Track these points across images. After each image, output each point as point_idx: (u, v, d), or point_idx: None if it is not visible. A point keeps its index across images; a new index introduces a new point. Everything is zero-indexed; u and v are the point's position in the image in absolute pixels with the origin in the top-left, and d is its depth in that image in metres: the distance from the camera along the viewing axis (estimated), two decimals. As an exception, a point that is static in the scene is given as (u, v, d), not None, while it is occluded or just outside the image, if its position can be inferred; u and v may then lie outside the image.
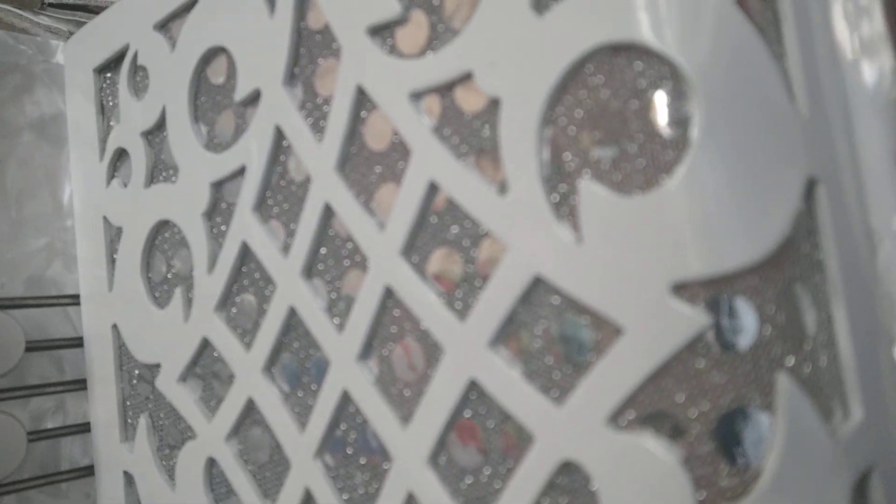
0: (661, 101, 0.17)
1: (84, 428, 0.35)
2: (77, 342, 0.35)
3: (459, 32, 0.21)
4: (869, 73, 0.18)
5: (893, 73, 0.18)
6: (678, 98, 0.17)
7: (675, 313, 0.17)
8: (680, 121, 0.17)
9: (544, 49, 0.19)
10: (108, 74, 0.34)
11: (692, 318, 0.16)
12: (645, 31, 0.17)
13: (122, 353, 0.33)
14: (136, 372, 0.33)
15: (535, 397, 0.19)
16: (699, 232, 0.16)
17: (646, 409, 0.17)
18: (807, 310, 0.17)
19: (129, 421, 0.33)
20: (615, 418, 0.18)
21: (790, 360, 0.16)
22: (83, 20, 0.38)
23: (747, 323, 0.16)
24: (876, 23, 0.18)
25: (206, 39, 0.28)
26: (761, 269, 0.16)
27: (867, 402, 0.16)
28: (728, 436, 0.16)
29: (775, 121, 0.17)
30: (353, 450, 0.24)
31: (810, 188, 0.17)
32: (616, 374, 0.18)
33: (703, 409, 0.17)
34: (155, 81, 0.31)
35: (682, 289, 0.17)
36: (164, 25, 0.31)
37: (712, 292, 0.17)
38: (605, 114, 0.18)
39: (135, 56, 0.32)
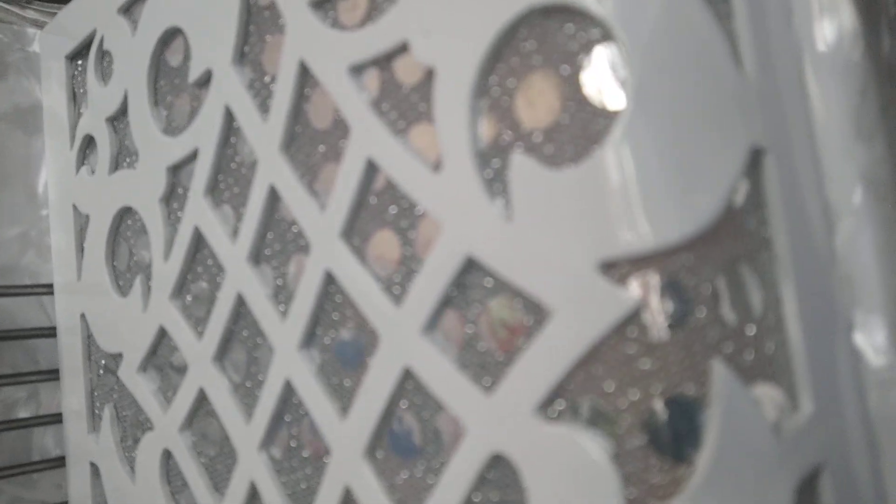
0: (593, 66, 0.16)
1: (57, 418, 0.35)
2: (51, 332, 0.35)
3: (396, 1, 0.20)
4: (828, 31, 0.17)
5: (854, 31, 0.17)
6: (611, 62, 0.16)
7: (602, 293, 0.15)
8: (613, 87, 0.16)
9: (476, 14, 0.18)
10: (80, 62, 0.34)
11: (620, 299, 0.15)
12: (573, -10, 0.16)
13: (90, 342, 0.33)
14: (103, 362, 0.32)
15: (467, 386, 0.18)
16: (628, 206, 0.15)
17: (575, 398, 0.16)
18: (751, 291, 0.15)
19: (97, 412, 0.32)
20: (544, 408, 0.16)
21: (728, 347, 0.15)
22: (63, 8, 0.38)
23: (680, 305, 0.15)
24: (832, -23, 0.16)
25: (163, 21, 0.28)
26: (697, 247, 0.15)
27: (818, 394, 0.15)
28: (660, 428, 0.15)
29: (716, 85, 0.15)
30: (296, 442, 0.23)
31: (756, 158, 0.15)
32: (544, 360, 0.16)
33: (633, 399, 0.15)
34: (118, 66, 0.30)
35: (610, 267, 0.15)
36: (128, 9, 0.30)
37: (643, 271, 0.15)
38: (537, 82, 0.17)
39: (101, 41, 0.31)
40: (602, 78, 0.16)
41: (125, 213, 0.30)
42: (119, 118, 0.31)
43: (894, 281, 0.16)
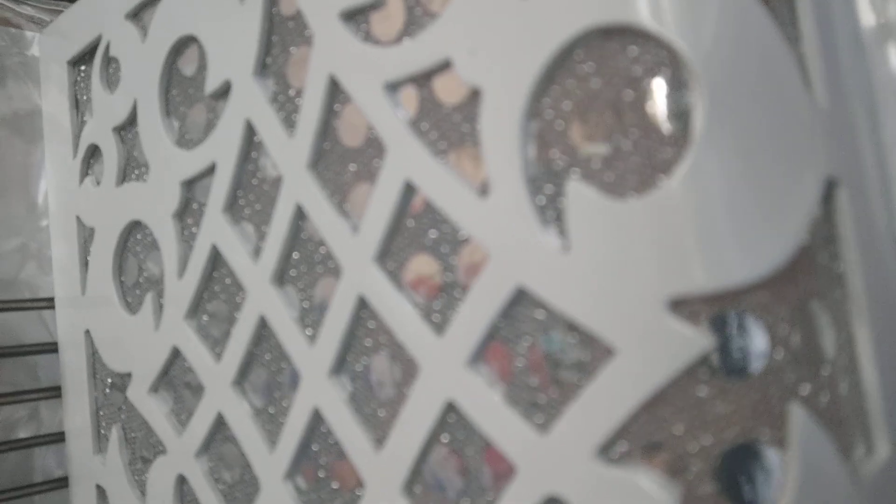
0: (658, 91, 0.15)
1: (59, 437, 0.33)
2: (52, 347, 0.34)
3: (437, 17, 0.19)
4: (896, 59, 0.16)
5: (924, 59, 0.16)
6: (678, 87, 0.15)
7: (672, 333, 0.15)
8: (680, 113, 0.15)
9: (529, 34, 0.17)
10: (83, 67, 0.33)
11: (692, 339, 0.14)
12: (639, 12, 0.15)
13: (95, 360, 0.32)
14: (109, 380, 0.31)
15: (517, 423, 0.17)
16: (701, 240, 0.14)
17: (640, 440, 0.15)
18: (825, 330, 0.15)
19: (103, 432, 0.31)
20: (605, 450, 0.16)
21: (805, 389, 0.14)
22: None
23: (756, 345, 0.14)
24: (906, 1, 0.15)
25: (176, 28, 0.27)
26: (772, 284, 0.14)
27: (895, 436, 0.14)
28: (733, 474, 0.14)
29: (789, 113, 0.15)
30: (325, 473, 0.22)
31: (829, 190, 0.15)
32: (607, 399, 0.15)
33: (704, 444, 0.15)
34: (126, 74, 0.29)
35: (681, 305, 0.15)
36: (136, 14, 0.29)
37: (716, 309, 0.14)
38: (596, 106, 0.16)
39: (107, 47, 0.30)
40: (668, 104, 0.15)
41: (134, 226, 0.29)
42: (127, 128, 0.30)
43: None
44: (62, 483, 0.33)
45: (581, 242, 0.16)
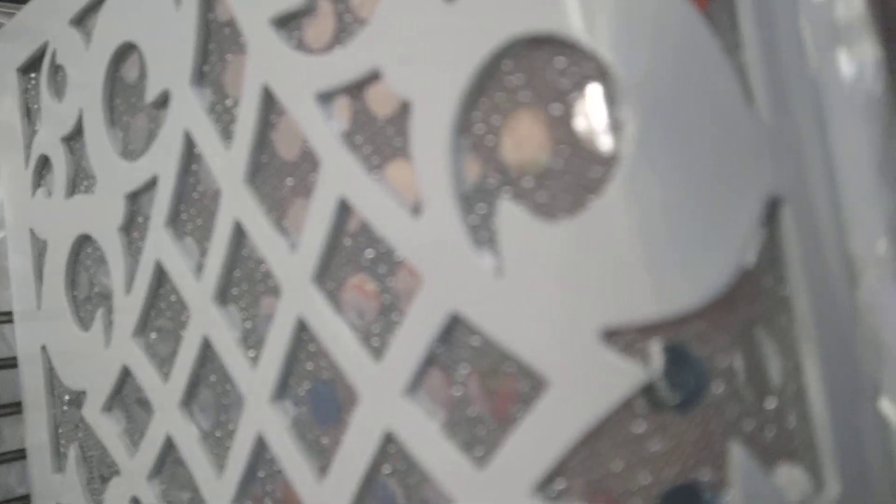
0: (587, 106, 0.14)
1: (20, 455, 0.33)
2: (12, 362, 0.33)
3: (367, 23, 0.18)
4: (846, 65, 0.15)
5: (876, 61, 0.15)
6: (608, 102, 0.14)
7: (606, 365, 0.14)
8: (610, 130, 0.14)
9: (455, 42, 0.16)
10: (34, 75, 0.32)
11: (627, 372, 0.13)
12: (564, 20, 0.14)
13: (52, 375, 0.31)
14: (67, 397, 0.30)
15: (455, 456, 0.16)
16: (633, 266, 0.13)
17: (579, 478, 0.14)
18: (770, 359, 0.14)
19: (62, 450, 0.30)
20: (543, 487, 0.15)
21: (747, 424, 0.13)
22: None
23: (694, 379, 0.13)
24: (855, 4, 0.14)
25: (117, 35, 0.25)
26: (711, 312, 0.13)
27: (845, 472, 0.13)
28: (672, 516, 0.13)
29: (729, 128, 0.14)
30: (271, 500, 0.21)
31: (773, 209, 0.14)
32: (542, 434, 0.15)
33: (643, 483, 0.14)
34: (72, 82, 0.28)
35: (614, 335, 0.14)
36: (81, 20, 0.28)
37: (651, 340, 0.14)
38: (524, 121, 0.15)
39: (53, 54, 0.29)
40: (598, 119, 0.14)
41: (85, 240, 0.28)
42: (75, 138, 0.29)
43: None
44: (24, 501, 0.32)
45: (514, 266, 0.15)
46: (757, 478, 0.13)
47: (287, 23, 0.20)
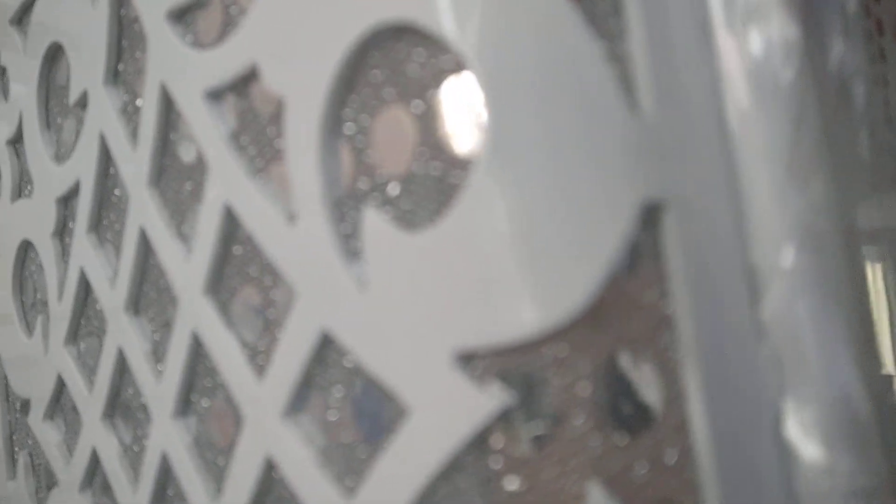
0: (445, 103, 0.13)
1: (-16, 460, 0.32)
2: (-25, 367, 0.33)
3: (247, 14, 0.16)
4: (755, 47, 0.13)
5: (787, 42, 0.13)
6: (467, 98, 0.12)
7: (460, 392, 0.12)
8: (468, 130, 0.12)
9: (323, 33, 0.14)
10: (-14, 76, 0.31)
11: (479, 402, 0.12)
12: (419, 7, 0.12)
13: (6, 382, 0.30)
14: (18, 404, 0.30)
15: (325, 486, 0.15)
16: (487, 282, 0.12)
17: (439, 516, 0.13)
18: (647, 385, 0.12)
19: (15, 457, 0.30)
20: (406, 525, 0.13)
21: (614, 461, 0.12)
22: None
23: (551, 409, 0.12)
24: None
25: (46, 34, 0.25)
26: (573, 333, 0.12)
27: (732, 516, 0.12)
28: (529, 565, 0.12)
29: (599, 126, 0.12)
30: (178, 521, 0.20)
31: (652, 216, 0.12)
32: (404, 466, 0.13)
33: (498, 526, 0.12)
34: (13, 83, 0.27)
35: (470, 359, 0.12)
36: (20, 20, 0.27)
37: (508, 366, 0.12)
38: (389, 119, 0.14)
39: (-2, 55, 0.28)
40: (457, 117, 0.13)
41: (27, 245, 0.28)
42: (20, 140, 0.28)
43: (836, 356, 0.13)
44: (-12, 507, 0.32)
45: (377, 280, 0.14)
46: (618, 525, 0.11)
47: (182, 17, 0.19)
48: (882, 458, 0.12)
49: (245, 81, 0.17)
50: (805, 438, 0.13)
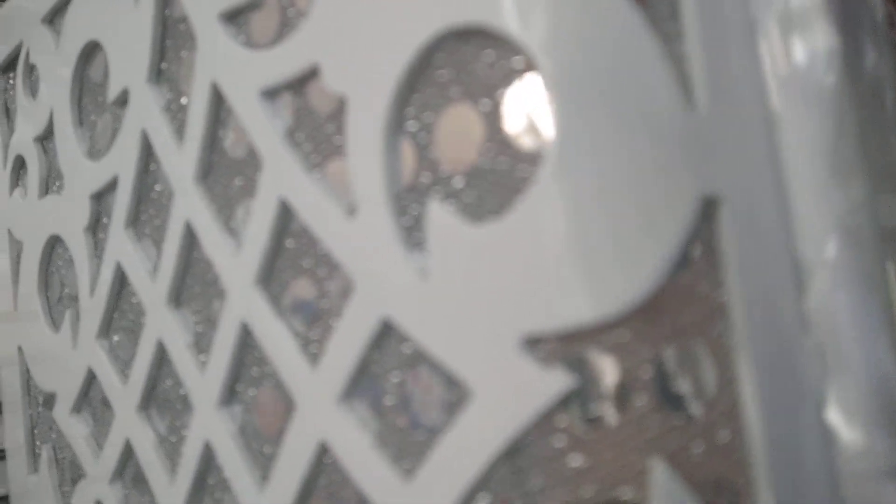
0: (514, 102, 0.13)
1: (1, 455, 0.33)
2: (-7, 363, 0.33)
3: (306, 17, 0.17)
4: (799, 53, 0.14)
5: (829, 49, 0.14)
6: (536, 98, 0.13)
7: (526, 375, 0.13)
8: (537, 127, 0.13)
9: (388, 37, 0.15)
10: (11, 74, 0.32)
11: (546, 383, 0.13)
12: (493, 10, 0.13)
13: (28, 377, 0.31)
14: (41, 399, 0.30)
15: (384, 469, 0.15)
16: (554, 271, 0.13)
17: (501, 495, 0.14)
18: (703, 369, 0.13)
19: (37, 451, 0.30)
20: (466, 502, 0.14)
21: (672, 440, 0.12)
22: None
23: (614, 390, 0.12)
24: (805, -11, 0.13)
25: (83, 33, 0.25)
26: (636, 319, 0.13)
27: (781, 495, 0.13)
28: (593, 537, 0.13)
29: (661, 123, 0.13)
30: (220, 508, 0.20)
31: (709, 210, 0.13)
32: (465, 447, 0.14)
33: (562, 501, 0.13)
34: (44, 82, 0.28)
35: (536, 344, 0.13)
36: (52, 19, 0.28)
37: (573, 350, 0.13)
38: (455, 117, 0.14)
39: (27, 53, 0.29)
40: (525, 114, 0.13)
41: (56, 241, 0.28)
42: (48, 137, 0.28)
43: (875, 345, 0.14)
44: (4, 501, 0.32)
45: (440, 270, 0.14)
46: (678, 497, 0.12)
47: (235, 17, 0.19)
48: (917, 441, 0.13)
49: (302, 80, 0.17)
50: (846, 422, 0.13)
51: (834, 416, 0.13)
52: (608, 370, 0.13)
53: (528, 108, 0.13)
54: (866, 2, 0.16)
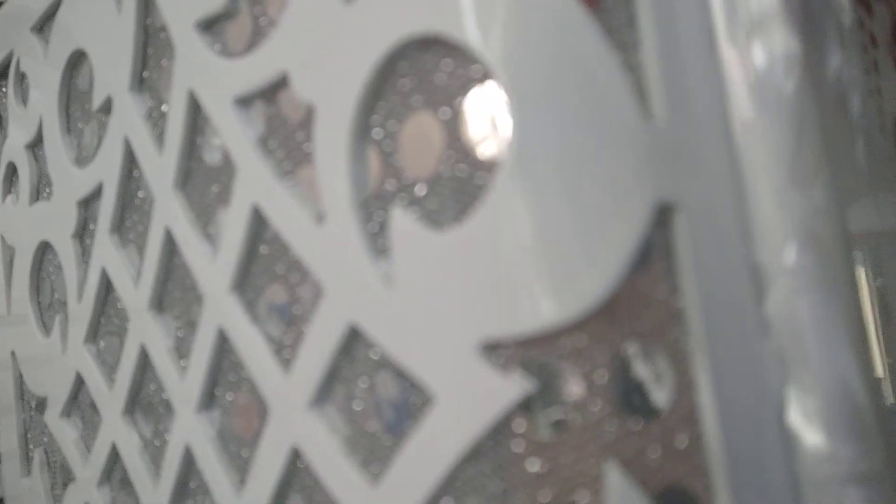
0: (471, 109, 0.14)
1: (-4, 459, 0.33)
2: (-11, 367, 0.33)
3: (277, 25, 0.17)
4: (759, 59, 0.14)
5: (788, 53, 0.14)
6: (494, 105, 0.13)
7: (484, 380, 0.13)
8: (493, 135, 0.13)
9: (352, 44, 0.15)
10: (3, 82, 0.32)
11: (503, 388, 0.13)
12: (452, 20, 0.13)
13: (21, 381, 0.31)
14: (33, 403, 0.30)
15: (351, 473, 0.15)
16: (510, 277, 0.13)
17: (464, 499, 0.14)
18: (660, 374, 0.13)
19: (30, 454, 0.31)
20: (431, 507, 0.14)
21: (628, 445, 0.13)
22: None
23: (571, 395, 0.13)
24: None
25: (69, 41, 0.25)
26: (590, 325, 0.13)
27: (742, 499, 0.13)
28: (550, 542, 0.13)
29: (615, 131, 0.13)
30: (200, 512, 0.21)
31: (664, 216, 0.13)
32: (428, 452, 0.14)
33: (521, 506, 0.13)
34: (34, 89, 0.28)
35: (494, 349, 0.13)
36: (41, 28, 0.28)
37: (529, 355, 0.13)
38: (417, 125, 0.14)
39: (18, 62, 0.29)
40: (484, 122, 0.13)
41: (46, 247, 0.28)
42: (39, 145, 0.29)
43: (836, 350, 0.14)
44: (0, 504, 0.33)
45: (404, 277, 0.14)
46: (634, 502, 0.12)
47: (211, 26, 0.19)
48: (881, 446, 0.13)
49: (273, 88, 0.18)
50: (807, 426, 0.13)
51: (795, 421, 0.13)
52: (566, 375, 0.13)
53: (485, 116, 0.13)
54: (831, 5, 0.16)
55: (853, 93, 0.16)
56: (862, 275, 0.18)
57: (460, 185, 0.14)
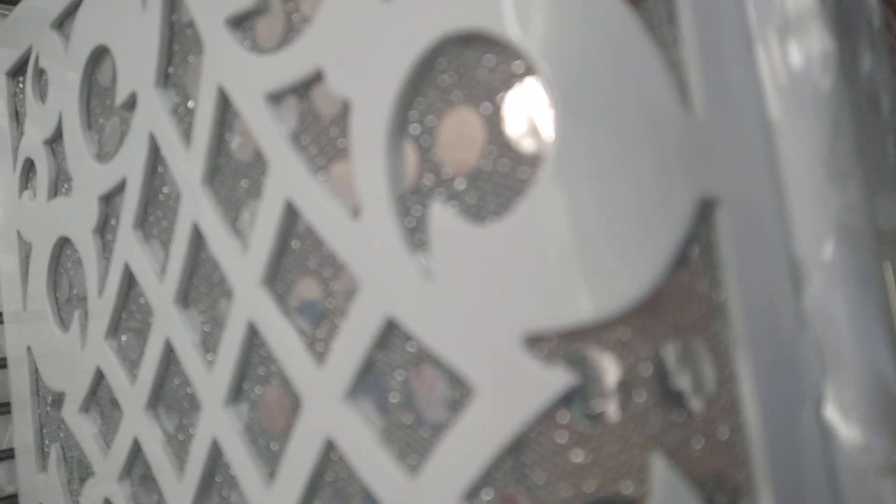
0: (514, 105, 0.14)
1: (9, 454, 0.33)
2: (3, 363, 0.33)
3: (310, 22, 0.17)
4: (796, 58, 0.14)
5: (825, 53, 0.14)
6: (535, 101, 0.13)
7: (528, 372, 0.13)
8: (536, 130, 0.13)
9: (391, 41, 0.15)
10: (21, 78, 0.32)
11: (547, 380, 0.13)
12: (494, 16, 0.13)
13: (37, 376, 0.31)
14: (50, 398, 0.30)
15: (389, 465, 0.16)
16: (555, 271, 0.13)
17: (503, 488, 0.14)
18: (702, 367, 0.13)
19: (46, 450, 0.31)
20: (471, 497, 0.14)
21: (672, 436, 0.13)
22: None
23: (614, 387, 0.13)
24: (800, -7, 0.14)
25: (92, 38, 0.26)
26: (636, 317, 0.13)
27: (780, 490, 0.13)
28: (594, 531, 0.13)
29: (658, 126, 0.13)
30: (227, 505, 0.21)
31: (706, 211, 0.13)
32: (469, 443, 0.14)
33: (563, 495, 0.13)
34: (53, 85, 0.28)
35: (538, 342, 0.13)
36: (61, 24, 0.28)
37: (574, 347, 0.13)
38: (457, 120, 0.15)
39: (37, 58, 0.29)
40: (526, 118, 0.14)
41: (65, 242, 0.28)
42: (57, 140, 0.29)
43: (872, 343, 0.14)
44: (13, 500, 0.33)
45: (443, 270, 0.14)
46: (679, 492, 0.12)
47: (241, 23, 0.20)
48: (913, 438, 0.14)
49: (306, 84, 0.18)
50: (844, 419, 0.14)
51: (832, 414, 0.14)
52: (609, 367, 0.13)
53: (528, 111, 0.14)
54: (863, 6, 0.16)
55: (883, 92, 0.16)
56: (890, 269, 0.19)
57: (501, 179, 0.14)
